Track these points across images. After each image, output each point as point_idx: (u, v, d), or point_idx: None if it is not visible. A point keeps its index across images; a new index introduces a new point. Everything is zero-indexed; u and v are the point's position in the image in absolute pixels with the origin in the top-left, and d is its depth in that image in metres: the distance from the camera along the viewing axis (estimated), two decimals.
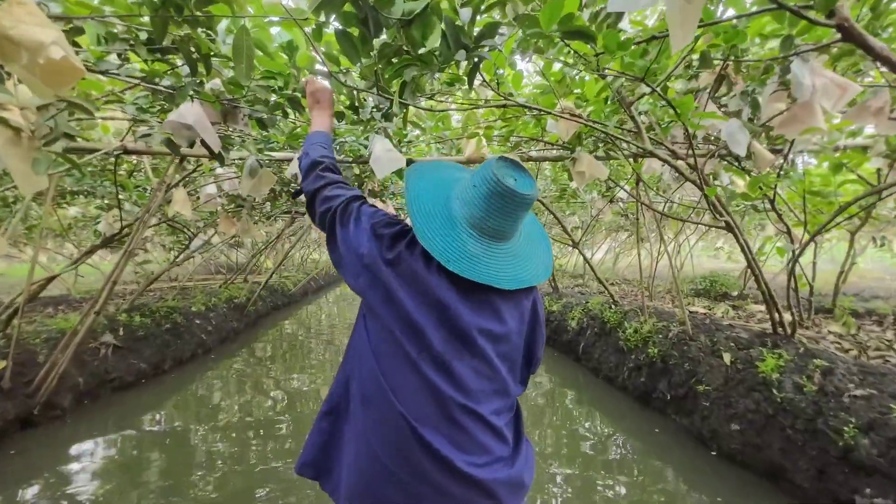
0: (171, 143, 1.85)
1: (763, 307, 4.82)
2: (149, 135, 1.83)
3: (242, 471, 2.51)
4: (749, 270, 6.62)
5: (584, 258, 4.65)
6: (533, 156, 2.95)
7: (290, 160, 2.66)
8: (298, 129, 2.41)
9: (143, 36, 1.36)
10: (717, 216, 2.40)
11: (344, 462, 0.85)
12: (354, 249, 0.88)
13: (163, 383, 4.00)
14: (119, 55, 1.47)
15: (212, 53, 1.41)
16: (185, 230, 4.76)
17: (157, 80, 1.66)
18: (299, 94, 1.79)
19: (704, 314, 4.13)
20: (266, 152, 2.47)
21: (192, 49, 1.37)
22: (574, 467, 2.56)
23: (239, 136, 2.61)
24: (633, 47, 1.36)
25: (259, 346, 5.82)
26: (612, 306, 4.48)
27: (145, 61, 1.53)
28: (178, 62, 1.55)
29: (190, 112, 1.70)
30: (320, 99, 1.34)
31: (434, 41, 1.27)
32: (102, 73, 1.48)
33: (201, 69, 1.47)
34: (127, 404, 3.44)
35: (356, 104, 1.86)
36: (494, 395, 0.84)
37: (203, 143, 1.85)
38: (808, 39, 1.59)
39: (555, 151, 3.20)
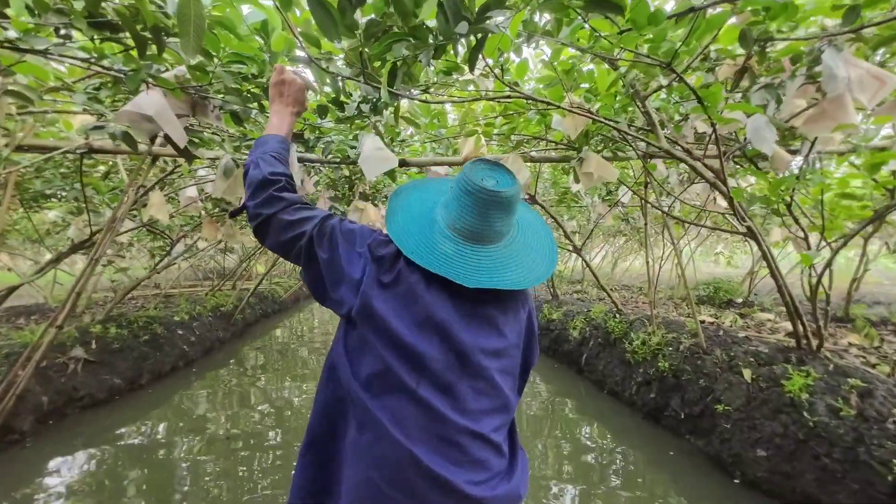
0: (128, 137, 1.62)
1: (771, 315, 4.65)
2: (101, 128, 1.60)
3: (224, 496, 2.26)
4: (752, 276, 6.46)
5: (587, 264, 4.44)
6: (535, 156, 2.74)
7: None
8: None
9: (80, 6, 1.13)
10: (741, 221, 2.20)
11: (338, 492, 0.81)
12: (348, 275, 0.83)
13: (138, 399, 3.73)
14: (57, 31, 1.24)
15: (164, 27, 1.18)
16: (165, 236, 4.51)
17: (108, 62, 1.44)
18: None
19: (713, 323, 3.93)
20: (244, 150, 2.24)
21: (139, 24, 1.14)
22: (578, 485, 2.34)
23: (214, 133, 2.38)
24: (666, 21, 1.15)
25: (245, 356, 5.55)
26: (616, 315, 4.27)
27: (92, 39, 1.30)
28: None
29: (150, 102, 1.47)
30: (284, 92, 1.13)
31: (429, 12, 1.06)
32: (36, 53, 1.25)
33: (153, 49, 1.24)
34: (96, 423, 3.17)
35: (341, 98, 1.63)
36: (495, 413, 0.82)
37: (167, 138, 1.62)
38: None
39: (554, 153, 3.00)
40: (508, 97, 1.73)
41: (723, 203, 3.91)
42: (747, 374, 2.49)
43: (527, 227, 0.93)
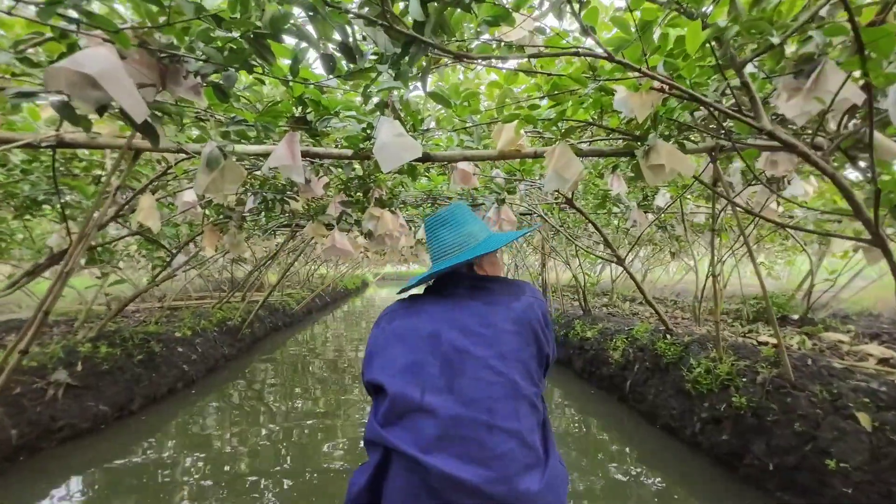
0: (66, 109, 1.20)
1: (844, 336, 4.04)
2: (29, 95, 1.18)
3: None
4: (810, 289, 5.81)
5: (631, 277, 3.92)
6: (585, 150, 2.27)
7: (266, 154, 2.01)
8: (280, 103, 1.76)
9: None
10: (871, 228, 1.67)
11: None
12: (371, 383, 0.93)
13: (127, 428, 3.32)
14: None
15: None
16: (160, 245, 4.15)
17: None
18: (265, 31, 1.15)
19: (776, 346, 3.37)
20: (233, 136, 1.82)
21: None
22: None
23: (197, 115, 1.98)
24: None
25: (252, 375, 5.14)
26: (667, 335, 3.73)
27: None
28: None
29: (94, 58, 1.06)
30: None
31: None
32: None
33: None
34: (76, 458, 2.77)
35: (351, 47, 1.19)
36: (506, 399, 0.83)
37: (122, 111, 1.22)
38: None
39: (602, 144, 2.53)
40: (576, 53, 1.27)
41: (775, 208, 3.39)
42: (865, 420, 1.96)
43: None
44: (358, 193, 3.27)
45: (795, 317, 5.36)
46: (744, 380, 2.68)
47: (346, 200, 3.16)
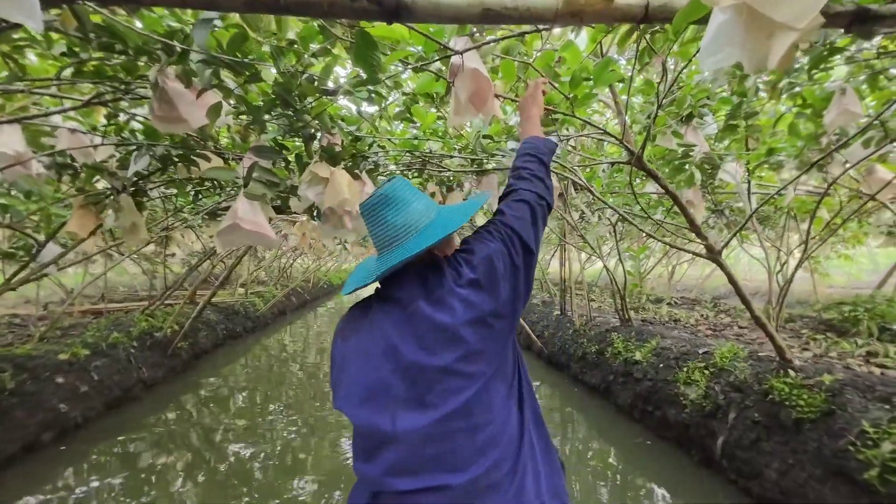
0: None
1: None
2: None
3: None
4: None
5: (731, 279, 2.54)
6: None
7: None
8: None
9: None
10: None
11: None
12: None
13: None
14: None
15: None
16: (22, 232, 2.76)
17: None
18: None
19: None
20: None
21: None
22: None
23: None
24: None
25: (180, 409, 3.76)
26: (783, 370, 2.41)
27: None
28: None
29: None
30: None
31: None
32: None
33: None
34: None
35: None
36: (479, 399, 0.76)
37: None
38: None
39: None
40: None
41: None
42: None
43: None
44: (289, 136, 1.92)
45: (867, 323, 4.08)
46: None
47: (261, 146, 1.76)
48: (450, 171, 2.67)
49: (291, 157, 2.11)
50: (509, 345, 0.84)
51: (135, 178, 2.07)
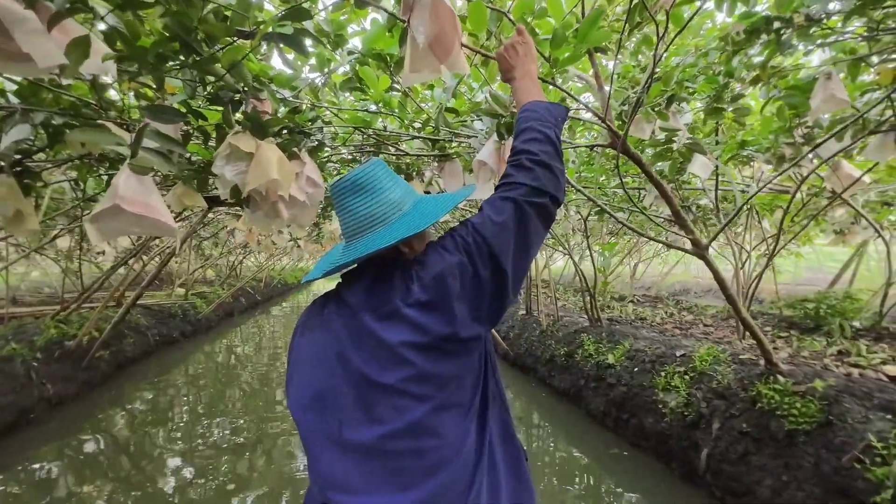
0: None
1: None
2: None
3: None
4: (886, 289, 4.58)
5: (717, 277, 2.32)
6: None
7: None
8: None
9: None
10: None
11: None
12: None
13: None
14: None
15: None
16: None
17: None
18: None
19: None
20: None
21: None
22: None
23: None
24: None
25: (94, 433, 3.20)
26: (770, 377, 2.22)
27: None
28: None
29: None
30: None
31: None
32: None
33: None
34: None
35: None
36: (429, 418, 0.69)
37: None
38: None
39: None
40: None
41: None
42: None
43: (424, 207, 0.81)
44: (204, 100, 1.54)
45: (856, 324, 4.10)
46: None
47: (159, 106, 1.34)
48: (408, 154, 2.31)
49: (212, 130, 1.71)
50: (472, 364, 0.75)
51: (16, 156, 1.58)
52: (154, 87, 1.47)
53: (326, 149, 2.60)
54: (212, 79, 1.30)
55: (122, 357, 4.53)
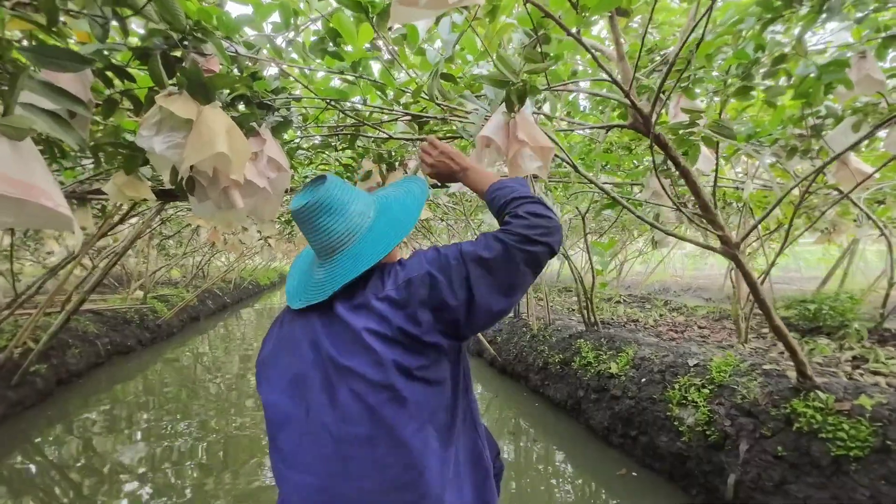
0: None
1: None
2: None
3: None
4: (889, 288, 4.43)
5: (747, 279, 2.03)
6: None
7: None
8: None
9: None
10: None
11: None
12: None
13: None
14: None
15: None
16: None
17: None
18: None
19: None
20: None
21: None
22: None
23: None
24: None
25: (28, 460, 2.71)
26: (811, 392, 1.96)
27: None
28: None
29: None
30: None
31: None
32: None
33: None
34: None
35: None
36: (387, 409, 0.71)
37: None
38: None
39: None
40: None
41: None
42: None
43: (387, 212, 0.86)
44: (122, 34, 1.13)
45: (860, 327, 3.94)
46: None
47: (51, 47, 0.93)
48: (391, 137, 1.92)
49: (144, 97, 1.30)
50: (438, 368, 0.76)
51: None
52: (45, 24, 1.06)
53: (296, 132, 2.21)
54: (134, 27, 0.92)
55: (63, 371, 4.00)
